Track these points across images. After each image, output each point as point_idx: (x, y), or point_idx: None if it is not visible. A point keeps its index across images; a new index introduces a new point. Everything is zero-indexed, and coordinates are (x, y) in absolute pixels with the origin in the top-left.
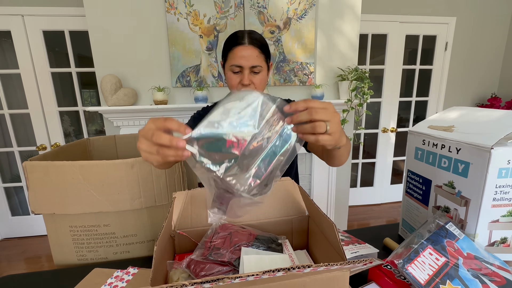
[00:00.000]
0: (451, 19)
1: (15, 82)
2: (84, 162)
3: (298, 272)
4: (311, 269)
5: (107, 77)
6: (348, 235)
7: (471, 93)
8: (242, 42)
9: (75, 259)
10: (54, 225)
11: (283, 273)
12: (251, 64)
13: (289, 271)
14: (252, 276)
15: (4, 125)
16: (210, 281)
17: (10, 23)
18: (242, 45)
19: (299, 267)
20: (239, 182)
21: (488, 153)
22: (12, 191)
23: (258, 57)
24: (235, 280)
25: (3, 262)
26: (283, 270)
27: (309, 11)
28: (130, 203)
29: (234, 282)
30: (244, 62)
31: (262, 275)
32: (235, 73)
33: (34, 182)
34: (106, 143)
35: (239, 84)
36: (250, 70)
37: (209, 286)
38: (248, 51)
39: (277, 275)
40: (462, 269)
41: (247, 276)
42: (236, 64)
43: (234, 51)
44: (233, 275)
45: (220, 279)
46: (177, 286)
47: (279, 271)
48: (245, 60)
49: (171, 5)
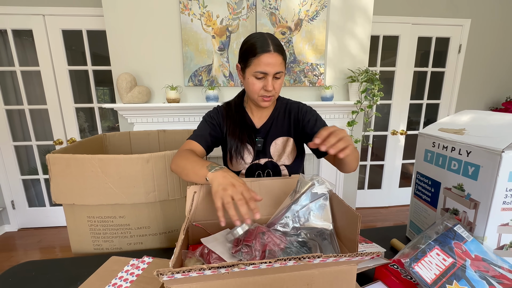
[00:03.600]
0: (466, 21)
1: (35, 79)
2: (103, 155)
3: (309, 262)
4: (320, 259)
5: (123, 75)
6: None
7: (485, 96)
8: (268, 50)
9: (91, 248)
10: (73, 215)
11: (294, 262)
12: (276, 70)
13: (300, 260)
14: (265, 264)
15: (24, 120)
16: (226, 266)
17: (32, 22)
18: (268, 52)
19: (309, 257)
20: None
21: (499, 156)
22: (30, 183)
23: (281, 63)
24: (249, 266)
25: (20, 250)
26: (294, 259)
27: (320, 12)
28: (145, 196)
29: (248, 269)
30: (270, 69)
31: (274, 263)
32: (258, 78)
33: (56, 173)
34: (121, 139)
35: (262, 89)
36: (273, 76)
37: (225, 271)
38: (274, 59)
39: (288, 264)
40: (470, 270)
41: (260, 263)
42: (261, 71)
43: (260, 58)
44: (247, 261)
45: (235, 265)
46: (196, 269)
47: (290, 260)
48: (271, 67)
49: (185, 6)
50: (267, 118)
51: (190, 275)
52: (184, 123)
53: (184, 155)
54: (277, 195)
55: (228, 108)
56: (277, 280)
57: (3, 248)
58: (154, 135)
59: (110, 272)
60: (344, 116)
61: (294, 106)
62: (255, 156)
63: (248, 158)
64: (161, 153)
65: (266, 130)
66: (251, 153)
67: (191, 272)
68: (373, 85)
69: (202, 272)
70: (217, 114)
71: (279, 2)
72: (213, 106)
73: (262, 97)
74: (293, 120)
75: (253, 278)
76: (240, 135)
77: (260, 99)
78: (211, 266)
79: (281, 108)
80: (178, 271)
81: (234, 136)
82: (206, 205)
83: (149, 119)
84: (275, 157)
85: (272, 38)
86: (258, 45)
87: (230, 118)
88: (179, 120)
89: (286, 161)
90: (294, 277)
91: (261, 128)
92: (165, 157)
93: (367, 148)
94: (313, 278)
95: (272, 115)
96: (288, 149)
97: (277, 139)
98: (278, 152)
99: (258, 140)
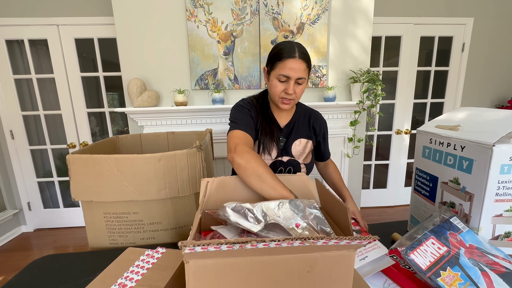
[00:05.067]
0: (469, 20)
1: (49, 85)
2: (118, 155)
3: (313, 243)
4: (323, 241)
5: (133, 81)
6: (359, 229)
7: (490, 94)
8: (293, 55)
9: (107, 242)
10: (91, 212)
11: (300, 242)
12: (298, 76)
13: (306, 240)
14: (274, 242)
15: (39, 125)
16: (241, 242)
17: (47, 32)
18: (293, 58)
19: (313, 238)
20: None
21: (490, 150)
22: (45, 185)
23: (304, 70)
24: (260, 243)
25: (36, 250)
26: (300, 239)
27: (321, 16)
28: (157, 193)
29: (258, 247)
30: (292, 73)
31: (282, 242)
32: (281, 81)
33: (75, 172)
34: (132, 141)
35: (283, 92)
36: (295, 81)
37: (239, 246)
38: (297, 64)
39: (295, 244)
40: (463, 258)
41: (270, 242)
42: (284, 74)
43: (284, 62)
44: (258, 238)
45: (248, 241)
46: (214, 244)
47: (297, 239)
48: (294, 72)
49: (191, 14)
50: (288, 120)
51: (209, 249)
52: (192, 125)
53: (259, 161)
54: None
55: (260, 104)
56: (283, 261)
57: (20, 248)
58: (163, 137)
59: (128, 261)
60: (347, 116)
61: (314, 113)
62: (279, 153)
63: (274, 154)
64: (172, 153)
65: (289, 131)
66: (276, 150)
67: (210, 246)
68: (374, 85)
69: (219, 246)
70: (252, 108)
71: (281, 7)
72: (219, 109)
73: (282, 99)
74: (312, 125)
75: (261, 257)
76: (270, 131)
77: (280, 101)
78: (228, 241)
79: (301, 112)
80: (199, 244)
81: (266, 132)
82: (217, 196)
83: (158, 121)
84: (296, 156)
85: (299, 46)
86: (285, 50)
87: (262, 114)
88: (187, 123)
89: (306, 160)
90: (299, 259)
91: (284, 128)
92: (175, 156)
93: (371, 148)
94: (315, 261)
95: (293, 117)
96: (307, 150)
97: (298, 140)
98: (298, 152)
99: (282, 139)
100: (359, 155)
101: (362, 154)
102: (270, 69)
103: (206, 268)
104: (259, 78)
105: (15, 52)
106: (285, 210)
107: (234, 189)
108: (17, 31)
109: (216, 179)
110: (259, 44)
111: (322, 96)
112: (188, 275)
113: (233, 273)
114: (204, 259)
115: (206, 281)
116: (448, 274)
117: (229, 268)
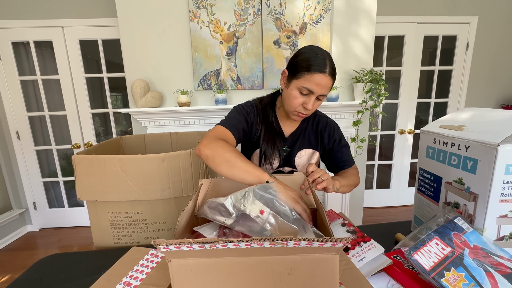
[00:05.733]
0: (473, 19)
1: (54, 87)
2: (122, 155)
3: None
4: (294, 242)
5: (137, 82)
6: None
7: (496, 94)
8: (324, 71)
9: (112, 242)
10: (96, 211)
11: (270, 244)
12: (322, 93)
13: (274, 242)
14: (243, 243)
15: (44, 126)
16: (210, 242)
17: (52, 34)
18: (323, 73)
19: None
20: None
21: (495, 150)
22: (50, 185)
23: (329, 88)
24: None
25: (41, 249)
26: (268, 240)
27: (324, 16)
28: (161, 193)
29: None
30: (318, 89)
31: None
32: (303, 94)
33: (80, 172)
34: (136, 141)
35: (301, 105)
36: (317, 97)
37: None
38: (326, 81)
39: (265, 245)
40: (467, 258)
41: (239, 242)
42: (309, 88)
43: (313, 76)
44: (227, 239)
45: (217, 241)
46: (185, 243)
47: (266, 240)
48: (320, 88)
49: (194, 15)
50: (295, 128)
51: (182, 248)
52: (195, 126)
53: (227, 147)
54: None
55: (263, 109)
56: (263, 262)
57: (26, 247)
58: (167, 137)
59: (133, 260)
60: (350, 116)
61: (323, 120)
62: (281, 163)
63: (275, 164)
64: (175, 153)
65: (294, 140)
66: (279, 160)
67: (182, 245)
68: (377, 85)
69: (191, 246)
70: (253, 112)
71: (284, 7)
72: (222, 109)
73: (298, 113)
74: (319, 134)
75: (241, 258)
76: (273, 141)
77: (295, 114)
78: (197, 241)
79: (309, 118)
80: (171, 243)
81: (268, 141)
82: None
83: (162, 122)
84: (299, 167)
85: (330, 59)
86: (315, 62)
87: (265, 121)
88: (190, 123)
89: None
90: (278, 260)
91: (289, 138)
92: (178, 156)
93: (374, 148)
94: (296, 263)
95: (300, 126)
96: (312, 161)
97: (302, 150)
98: (302, 163)
99: (285, 149)
100: (362, 155)
101: (365, 154)
102: (292, 76)
103: (187, 267)
104: (261, 78)
105: (21, 54)
106: (250, 199)
107: (228, 189)
108: (22, 33)
109: (213, 180)
110: (262, 45)
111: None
112: (172, 274)
113: (213, 273)
114: (185, 258)
115: (188, 280)
116: (452, 274)
117: (209, 268)
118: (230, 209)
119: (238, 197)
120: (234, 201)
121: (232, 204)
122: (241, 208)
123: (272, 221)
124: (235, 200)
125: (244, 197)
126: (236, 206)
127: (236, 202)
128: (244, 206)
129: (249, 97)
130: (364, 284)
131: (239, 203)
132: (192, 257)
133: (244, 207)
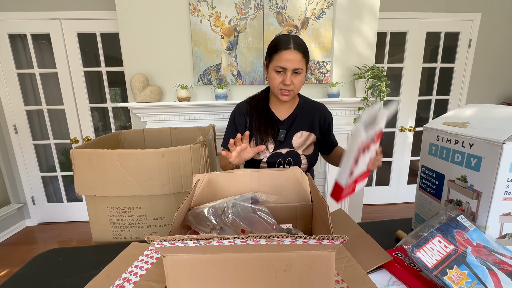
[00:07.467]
0: (476, 15)
1: (52, 80)
2: (122, 150)
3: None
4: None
5: (136, 76)
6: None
7: (497, 91)
8: (288, 47)
9: (111, 237)
10: (95, 206)
11: (266, 241)
12: (294, 67)
13: (270, 239)
14: (239, 240)
15: (42, 120)
16: (205, 239)
17: (49, 26)
18: (288, 49)
19: (278, 236)
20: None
21: (500, 147)
22: (48, 180)
23: (300, 61)
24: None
25: (40, 243)
26: (264, 237)
27: (326, 10)
28: (160, 188)
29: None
30: (288, 64)
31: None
32: (278, 73)
33: (79, 167)
34: (135, 136)
35: (281, 83)
36: (292, 72)
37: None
38: (293, 55)
39: (261, 242)
40: (470, 256)
41: (234, 239)
42: (281, 66)
43: (280, 54)
44: (222, 236)
45: (212, 238)
46: (180, 239)
47: (262, 237)
48: (289, 63)
49: (194, 8)
50: (290, 112)
51: (176, 244)
52: (195, 121)
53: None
54: (275, 186)
55: (253, 102)
56: (258, 259)
57: (25, 241)
58: (166, 132)
59: (132, 256)
60: (351, 112)
61: (318, 106)
62: (277, 146)
63: (270, 148)
64: (175, 148)
65: (290, 123)
66: (274, 144)
67: (176, 242)
68: (379, 82)
69: (186, 242)
70: (240, 115)
71: (285, 1)
72: (222, 104)
73: (281, 91)
74: (317, 118)
75: (236, 254)
76: (264, 129)
77: (279, 93)
78: (192, 237)
79: (304, 104)
80: (165, 239)
81: (260, 130)
82: (208, 191)
83: (161, 117)
84: (296, 148)
85: (294, 37)
86: (281, 43)
87: (255, 112)
88: (190, 118)
89: (306, 152)
90: (274, 257)
91: (285, 121)
92: (179, 151)
93: None
94: (291, 260)
95: (295, 110)
96: (309, 142)
97: (299, 132)
98: (299, 144)
99: (281, 131)
100: None
101: None
102: (268, 62)
103: (182, 263)
104: (262, 73)
105: (18, 47)
106: (230, 218)
107: (223, 184)
108: (19, 26)
109: (207, 175)
110: (263, 39)
111: (326, 92)
112: (167, 269)
113: (208, 268)
114: (180, 254)
115: (183, 276)
116: (455, 272)
117: (204, 263)
118: (213, 221)
119: (218, 212)
120: (215, 216)
121: (214, 216)
122: (222, 226)
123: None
124: (215, 215)
125: (224, 214)
126: (217, 220)
127: (217, 217)
128: (224, 224)
129: (249, 92)
130: (366, 282)
131: (220, 219)
132: (187, 253)
133: (224, 226)
